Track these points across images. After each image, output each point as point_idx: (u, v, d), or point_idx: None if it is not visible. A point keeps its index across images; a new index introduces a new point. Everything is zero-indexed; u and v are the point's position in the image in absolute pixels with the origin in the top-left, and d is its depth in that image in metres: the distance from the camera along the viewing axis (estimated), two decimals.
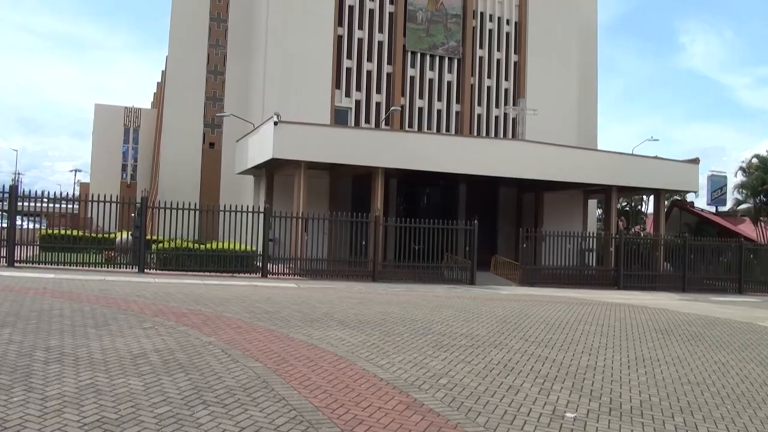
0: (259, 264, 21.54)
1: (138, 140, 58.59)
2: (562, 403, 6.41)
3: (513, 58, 37.65)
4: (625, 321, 13.58)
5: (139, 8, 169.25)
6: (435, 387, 6.64)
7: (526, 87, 37.16)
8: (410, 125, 34.94)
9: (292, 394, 5.94)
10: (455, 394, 6.42)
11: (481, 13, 37.00)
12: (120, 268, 20.23)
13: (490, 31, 37.26)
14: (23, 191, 20.58)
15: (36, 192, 20.42)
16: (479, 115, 36.81)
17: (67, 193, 22.37)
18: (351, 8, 34.32)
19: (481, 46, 36.97)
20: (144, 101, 77.04)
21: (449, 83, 36.20)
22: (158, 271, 20.24)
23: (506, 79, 37.53)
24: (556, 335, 10.76)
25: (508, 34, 37.69)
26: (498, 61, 37.40)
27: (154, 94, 62.15)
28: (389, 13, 34.98)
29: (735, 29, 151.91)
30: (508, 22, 37.68)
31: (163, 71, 46.89)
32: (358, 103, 34.30)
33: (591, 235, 32.27)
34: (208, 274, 20.14)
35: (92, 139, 59.85)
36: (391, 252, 24.36)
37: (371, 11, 34.71)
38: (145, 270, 19.97)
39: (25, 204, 20.43)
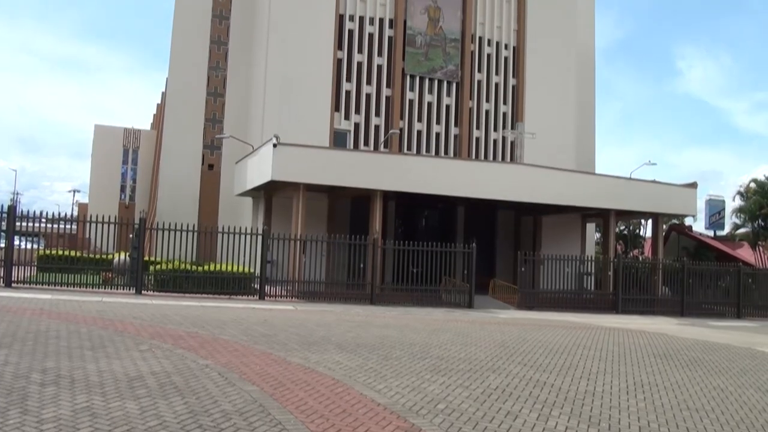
0: (257, 286, 21.49)
1: (137, 161, 58.74)
2: (561, 429, 6.37)
3: (511, 82, 37.89)
4: (624, 345, 13.53)
5: (139, 30, 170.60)
6: (433, 412, 6.60)
7: (525, 111, 37.35)
8: (409, 148, 35.05)
9: (288, 418, 5.90)
10: (453, 419, 6.38)
11: (480, 38, 37.32)
12: (117, 289, 20.17)
13: (489, 55, 37.55)
14: (21, 211, 20.57)
15: (34, 212, 20.42)
16: (477, 139, 36.97)
17: (66, 214, 22.35)
18: (351, 32, 34.60)
19: (479, 70, 37.24)
20: (144, 122, 77.30)
21: (448, 107, 36.39)
22: (155, 293, 20.17)
23: (504, 102, 37.74)
24: (555, 360, 10.72)
25: (506, 58, 37.98)
26: (496, 84, 37.65)
27: (154, 115, 62.40)
28: (389, 37, 35.27)
29: (732, 55, 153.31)
30: (506, 46, 37.99)
31: (163, 93, 47.14)
32: (357, 125, 34.44)
33: (589, 258, 32.22)
34: (205, 296, 20.09)
35: (91, 159, 59.98)
36: (390, 275, 24.31)
37: (371, 35, 34.99)
38: (143, 291, 19.90)
39: (24, 224, 20.41)
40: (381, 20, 35.22)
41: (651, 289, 28.26)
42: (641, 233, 54.66)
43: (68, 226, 22.44)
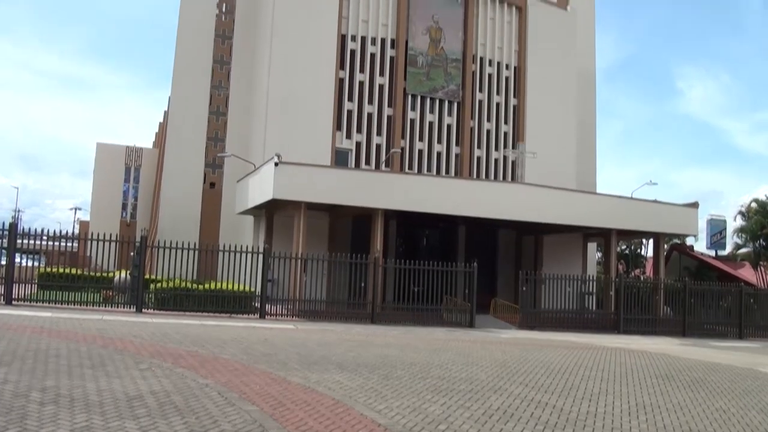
0: (258, 305, 21.44)
1: (139, 179, 58.83)
2: None
3: (512, 101, 38.07)
4: (626, 366, 13.47)
5: (142, 49, 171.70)
6: None
7: (526, 130, 37.49)
8: (410, 167, 35.13)
9: None
10: None
11: (481, 58, 37.56)
12: (118, 307, 20.13)
13: (490, 75, 37.77)
14: (23, 229, 20.58)
15: (35, 230, 20.44)
16: (479, 158, 37.06)
17: (67, 231, 22.33)
18: (353, 52, 34.83)
19: (480, 90, 37.42)
20: (146, 141, 77.54)
21: (449, 126, 36.53)
22: (156, 311, 20.13)
23: (506, 122, 37.89)
24: (557, 381, 10.67)
25: (507, 78, 38.20)
26: (497, 104, 37.82)
27: (156, 133, 62.59)
28: (390, 57, 35.49)
29: (732, 75, 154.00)
30: (507, 66, 38.22)
31: (165, 111, 47.32)
32: (358, 144, 34.56)
33: (591, 278, 32.15)
34: (205, 314, 20.03)
35: (93, 177, 60.10)
36: (390, 294, 24.26)
37: (372, 55, 35.22)
38: (143, 310, 19.86)
39: (25, 242, 20.41)
40: (383, 40, 35.47)
41: (652, 309, 28.19)
42: (642, 253, 54.59)
43: (69, 244, 22.39)
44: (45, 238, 20.59)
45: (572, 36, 40.08)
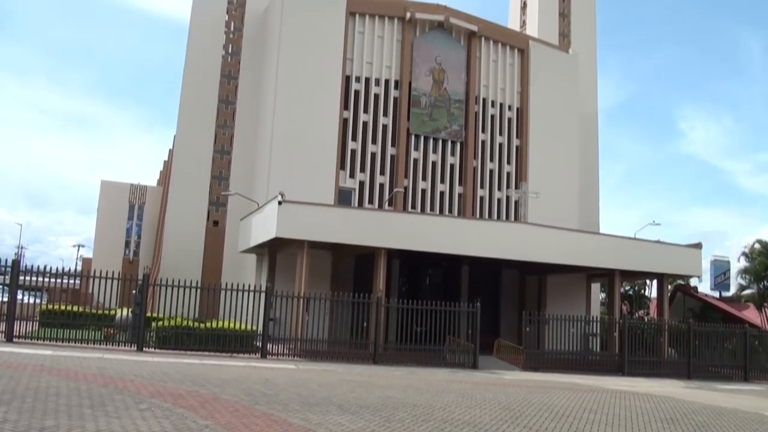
0: (259, 344, 21.31)
1: (142, 217, 58.95)
2: None
3: (515, 142, 38.36)
4: (631, 409, 13.31)
5: (148, 88, 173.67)
6: None
7: (528, 170, 37.69)
8: (413, 206, 35.25)
9: None
10: None
11: (484, 99, 37.97)
12: (119, 345, 20.03)
13: (492, 116, 38.14)
14: (25, 266, 20.59)
15: (38, 267, 20.44)
16: (482, 198, 37.19)
17: (69, 269, 22.34)
18: (357, 92, 35.26)
19: (483, 131, 37.74)
20: (150, 179, 78.01)
21: (452, 166, 36.74)
22: (157, 350, 20.01)
23: (508, 162, 38.12)
24: (561, 424, 10.54)
25: (510, 119, 38.55)
26: (500, 145, 38.11)
27: (161, 172, 62.97)
28: (394, 97, 35.90)
29: (734, 117, 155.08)
30: (509, 107, 38.61)
31: (170, 150, 47.67)
32: (362, 183, 34.74)
33: (595, 319, 31.90)
34: (206, 353, 19.90)
35: (97, 214, 60.24)
36: (393, 333, 24.12)
37: (376, 96, 35.64)
38: (144, 348, 19.74)
39: (27, 278, 20.40)
40: (387, 81, 35.93)
41: (657, 350, 27.92)
42: (646, 293, 54.28)
43: (71, 281, 22.37)
44: (47, 275, 20.58)
45: (574, 78, 40.55)
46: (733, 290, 49.14)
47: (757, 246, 46.66)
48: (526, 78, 38.92)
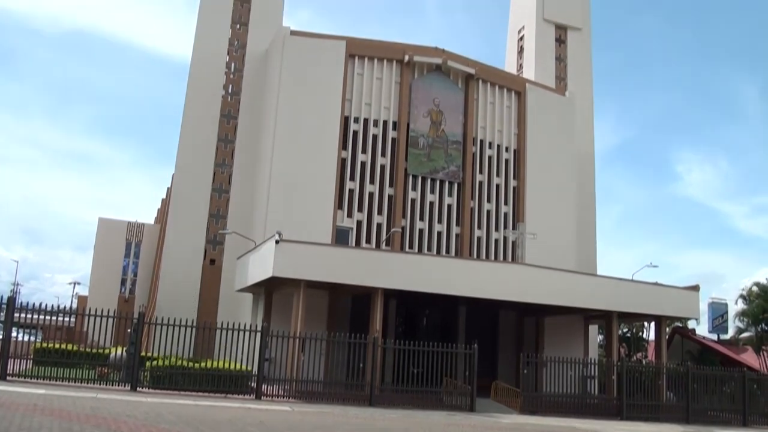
0: (254, 384, 21.11)
1: (139, 255, 58.76)
2: None
3: (512, 183, 38.59)
4: None
5: (147, 127, 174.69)
6: None
7: (526, 211, 37.84)
8: (411, 246, 35.27)
9: None
10: None
11: (481, 141, 38.32)
12: (112, 385, 19.85)
13: (490, 157, 38.44)
14: (20, 303, 20.47)
15: (33, 304, 20.30)
16: (479, 238, 37.26)
17: (64, 306, 22.22)
18: (355, 133, 35.58)
19: (480, 171, 37.99)
20: (147, 216, 78.03)
21: (449, 206, 36.89)
22: (151, 390, 19.83)
23: (506, 203, 38.29)
24: None
25: (507, 160, 38.85)
26: (497, 185, 38.33)
27: (158, 209, 62.99)
28: (392, 138, 36.22)
29: (730, 160, 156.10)
30: (507, 149, 38.95)
31: (168, 188, 47.80)
32: (359, 223, 34.81)
33: (593, 361, 31.69)
34: (201, 394, 19.72)
35: (93, 252, 60.06)
36: (389, 375, 23.90)
37: (374, 136, 35.96)
38: (138, 388, 19.56)
39: (22, 316, 20.27)
40: (385, 122, 36.29)
41: (655, 394, 27.69)
42: (644, 336, 54.00)
43: (66, 319, 22.24)
44: (42, 312, 20.45)
45: (571, 120, 40.99)
46: (731, 333, 48.90)
47: (754, 289, 46.59)
48: (523, 120, 39.32)
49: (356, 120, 35.79)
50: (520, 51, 48.41)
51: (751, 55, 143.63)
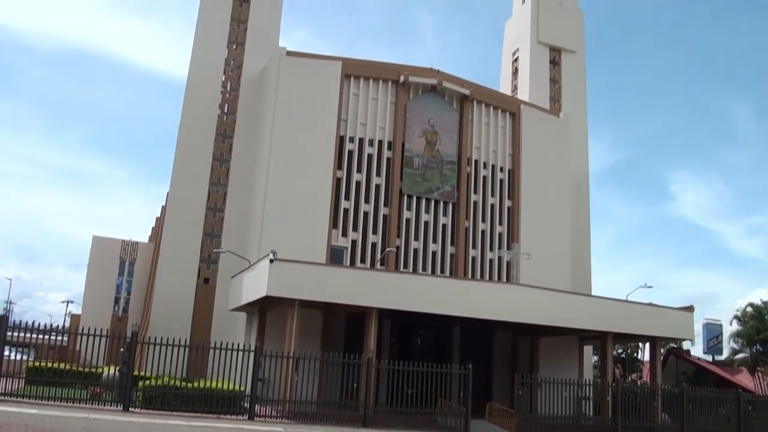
0: (247, 405, 20.98)
1: (133, 273, 58.49)
2: None
3: (507, 203, 38.69)
4: None
5: (143, 145, 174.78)
6: None
7: (520, 231, 37.90)
8: (405, 266, 35.26)
9: None
10: None
11: (476, 161, 38.47)
12: (105, 405, 19.70)
13: (484, 177, 38.57)
14: (13, 321, 20.36)
15: (26, 323, 20.18)
16: (474, 258, 37.27)
17: (57, 325, 22.16)
18: (350, 153, 35.69)
19: (475, 192, 38.10)
20: (142, 235, 77.88)
21: (444, 226, 36.93)
22: (143, 410, 19.69)
23: (500, 223, 38.36)
24: None
25: (501, 180, 38.98)
26: (492, 206, 38.41)
27: (153, 228, 62.81)
28: (387, 158, 36.33)
29: (724, 181, 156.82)
30: (501, 169, 39.10)
31: (163, 207, 47.68)
32: (354, 243, 34.80)
33: (588, 382, 31.56)
34: (193, 414, 19.58)
35: (87, 270, 59.74)
36: (383, 395, 23.80)
37: (370, 156, 36.07)
38: (130, 408, 19.41)
39: (15, 335, 20.16)
40: (380, 142, 36.43)
41: (650, 415, 27.58)
42: (639, 356, 53.90)
43: (59, 338, 22.11)
44: (35, 331, 20.33)
45: (565, 141, 41.22)
46: (725, 354, 48.84)
47: (749, 309, 46.64)
48: (517, 141, 39.51)
49: (351, 140, 35.92)
50: (515, 72, 48.78)
51: (744, 76, 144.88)
